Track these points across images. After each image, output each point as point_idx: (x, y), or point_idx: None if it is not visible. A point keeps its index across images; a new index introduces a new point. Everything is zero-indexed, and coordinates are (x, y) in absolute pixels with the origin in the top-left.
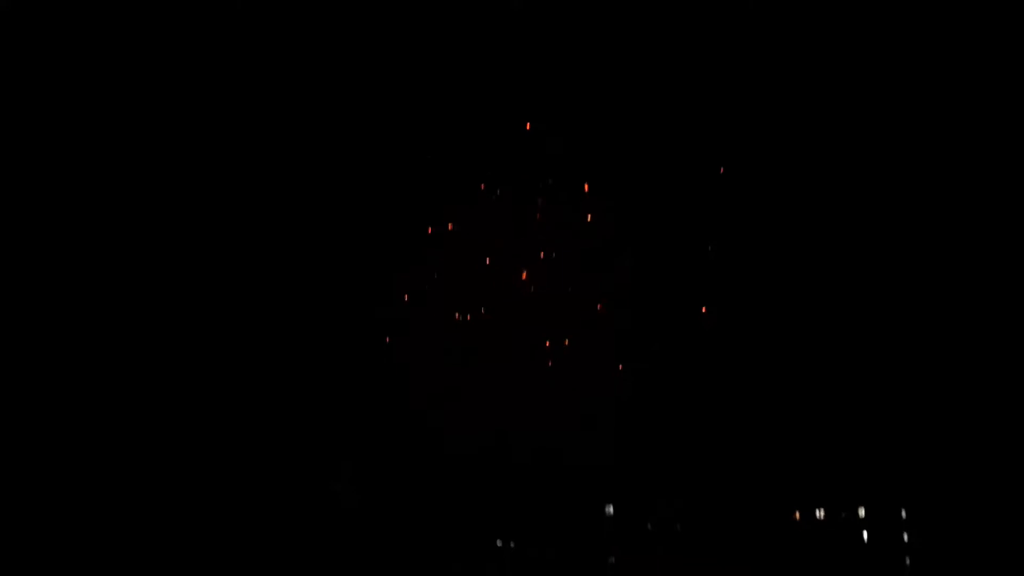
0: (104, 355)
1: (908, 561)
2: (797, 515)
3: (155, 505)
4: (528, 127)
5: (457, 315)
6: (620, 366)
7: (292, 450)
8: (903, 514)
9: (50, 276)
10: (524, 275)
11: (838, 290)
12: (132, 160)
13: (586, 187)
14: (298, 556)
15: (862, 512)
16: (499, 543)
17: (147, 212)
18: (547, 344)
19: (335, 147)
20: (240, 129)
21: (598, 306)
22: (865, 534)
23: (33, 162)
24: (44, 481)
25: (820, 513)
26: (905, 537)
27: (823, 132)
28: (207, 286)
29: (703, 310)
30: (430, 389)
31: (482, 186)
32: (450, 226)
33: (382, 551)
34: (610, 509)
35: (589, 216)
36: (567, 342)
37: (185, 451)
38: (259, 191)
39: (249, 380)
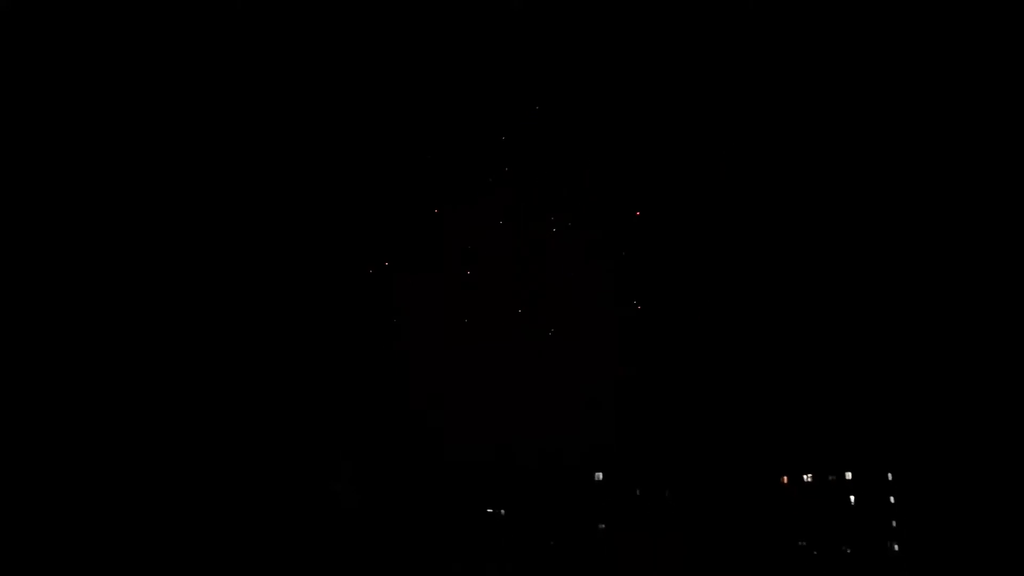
0: (103, 357)
1: (894, 523)
2: (785, 479)
3: (156, 505)
4: (535, 112)
5: (455, 311)
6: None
7: (292, 450)
8: (889, 477)
9: (51, 277)
10: (522, 272)
11: (823, 266)
12: (127, 159)
13: (585, 184)
14: (298, 556)
15: (849, 476)
16: (490, 510)
17: (145, 212)
18: (547, 332)
19: (336, 147)
20: (243, 127)
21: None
22: (852, 497)
23: (32, 160)
24: (46, 480)
25: (808, 478)
26: (891, 500)
27: (818, 128)
28: (209, 288)
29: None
30: (429, 386)
31: (480, 186)
32: (449, 226)
33: (382, 551)
34: (599, 476)
35: (589, 214)
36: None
37: (186, 451)
38: (260, 191)
39: (249, 381)
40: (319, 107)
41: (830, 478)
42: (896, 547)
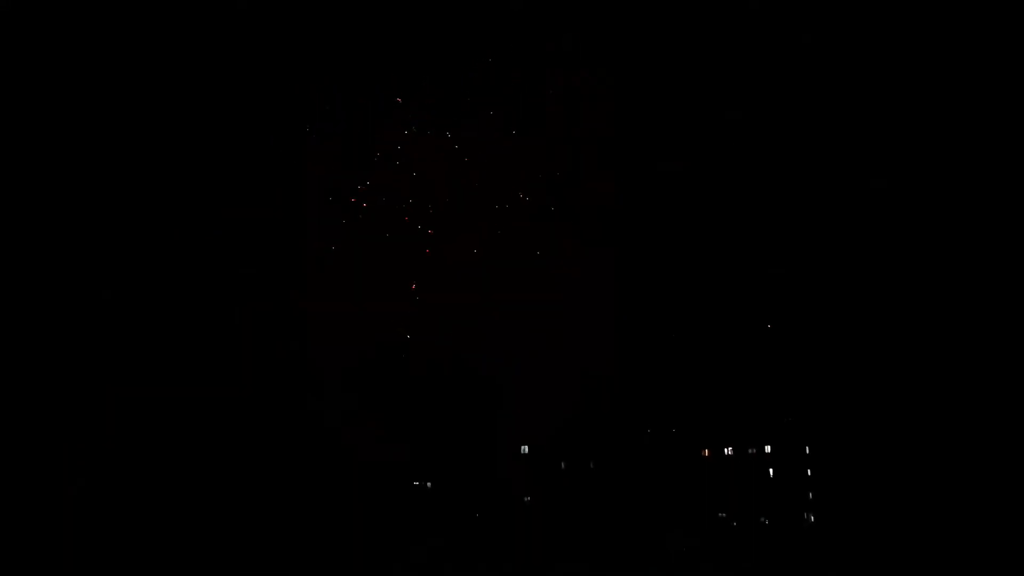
0: None
1: (811, 495)
2: (706, 452)
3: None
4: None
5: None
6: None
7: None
8: (807, 451)
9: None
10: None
11: (740, 239)
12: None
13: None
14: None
15: (768, 449)
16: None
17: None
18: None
19: (325, 145)
20: (241, 128)
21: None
22: (771, 470)
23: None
24: (37, 479)
25: (728, 451)
26: (808, 472)
27: (812, 126)
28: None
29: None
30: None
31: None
32: (430, 231)
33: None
34: (525, 449)
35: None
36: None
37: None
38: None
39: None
40: (309, 104)
41: (750, 451)
42: (812, 518)
